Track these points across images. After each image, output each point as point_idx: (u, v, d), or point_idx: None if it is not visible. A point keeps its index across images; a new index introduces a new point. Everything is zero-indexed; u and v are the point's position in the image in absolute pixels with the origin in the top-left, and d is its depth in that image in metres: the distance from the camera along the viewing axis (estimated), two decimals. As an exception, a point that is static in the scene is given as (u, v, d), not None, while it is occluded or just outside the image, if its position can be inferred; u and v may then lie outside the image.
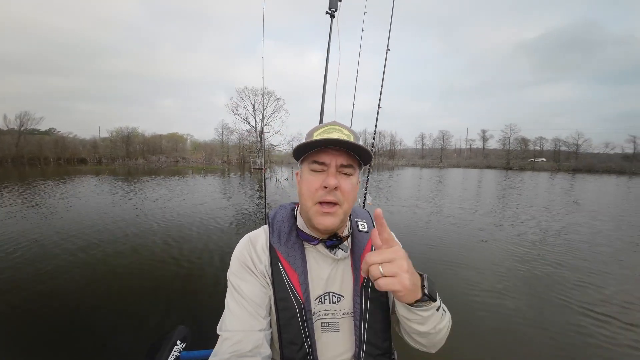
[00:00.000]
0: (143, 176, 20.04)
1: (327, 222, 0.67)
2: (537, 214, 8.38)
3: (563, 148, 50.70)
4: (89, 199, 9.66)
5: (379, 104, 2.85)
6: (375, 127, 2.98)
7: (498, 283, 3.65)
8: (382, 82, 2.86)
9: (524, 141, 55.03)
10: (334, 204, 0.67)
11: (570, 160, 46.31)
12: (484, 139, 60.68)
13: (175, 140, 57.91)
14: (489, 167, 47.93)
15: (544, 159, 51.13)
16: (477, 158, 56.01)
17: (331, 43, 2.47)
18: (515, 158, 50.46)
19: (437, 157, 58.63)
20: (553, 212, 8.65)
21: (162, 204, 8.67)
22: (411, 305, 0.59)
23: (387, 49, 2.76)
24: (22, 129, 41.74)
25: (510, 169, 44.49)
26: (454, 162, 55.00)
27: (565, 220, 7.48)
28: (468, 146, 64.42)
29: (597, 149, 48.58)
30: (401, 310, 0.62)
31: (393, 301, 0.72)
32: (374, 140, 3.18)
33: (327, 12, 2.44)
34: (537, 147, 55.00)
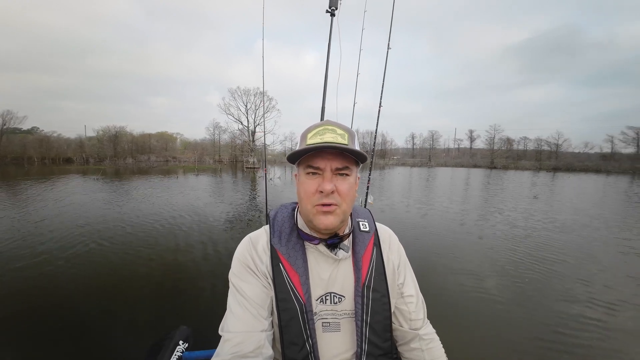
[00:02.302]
0: (135, 175, 19.98)
1: (327, 221, 0.68)
2: (499, 203, 10.28)
3: (545, 147, 52.78)
4: (86, 198, 9.77)
5: (380, 103, 2.81)
6: (377, 126, 2.94)
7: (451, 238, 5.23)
8: (383, 81, 2.81)
9: (509, 141, 57.06)
10: (333, 204, 0.68)
11: (551, 160, 48.32)
12: (471, 139, 62.54)
13: (165, 140, 57.01)
14: (475, 166, 49.57)
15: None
16: (464, 157, 57.71)
17: (331, 42, 2.45)
18: (499, 157, 52.36)
19: (427, 156, 60.05)
20: (514, 203, 10.34)
21: (160, 203, 8.81)
22: None
23: (388, 47, 2.71)
24: (4, 127, 40.43)
25: (495, 167, 46.15)
26: (442, 161, 56.47)
27: (519, 208, 9.34)
28: (456, 146, 66.17)
29: (577, 148, 50.82)
30: None
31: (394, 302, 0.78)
32: (374, 139, 3.16)
33: (327, 11, 2.42)
34: (521, 147, 57.11)
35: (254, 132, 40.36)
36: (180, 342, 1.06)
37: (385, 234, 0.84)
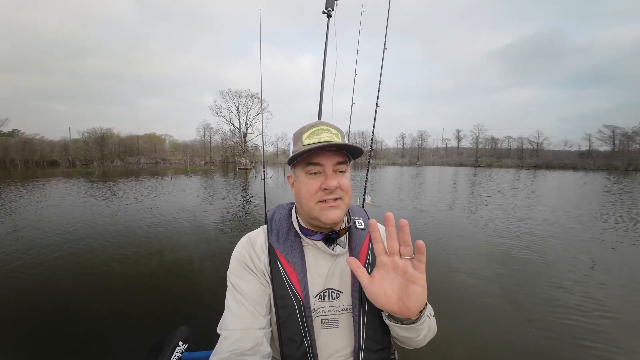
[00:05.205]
0: (127, 178, 19.90)
1: (334, 215, 0.70)
2: (467, 193, 11.85)
3: (527, 146, 54.99)
4: (83, 200, 9.91)
5: (376, 103, 2.83)
6: (374, 127, 2.98)
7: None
8: (380, 80, 2.80)
9: (494, 140, 59.26)
10: (336, 199, 0.71)
11: (533, 158, 50.54)
12: (458, 139, 64.51)
13: (153, 141, 56.15)
14: (461, 164, 51.28)
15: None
16: (451, 156, 59.51)
17: (328, 43, 2.48)
18: (483, 156, 54.41)
19: (416, 156, 61.61)
20: (479, 195, 11.83)
21: (158, 205, 8.94)
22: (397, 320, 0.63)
23: (384, 48, 2.72)
24: (-16, 130, 39.07)
25: (479, 166, 47.85)
26: (430, 160, 58.06)
27: (482, 199, 10.62)
28: (444, 145, 68.07)
29: (557, 146, 53.23)
30: (387, 319, 0.67)
31: None
32: (372, 139, 3.26)
33: (323, 12, 2.45)
34: (505, 146, 59.40)
35: (245, 134, 40.51)
36: (180, 342, 1.06)
37: (380, 230, 0.86)
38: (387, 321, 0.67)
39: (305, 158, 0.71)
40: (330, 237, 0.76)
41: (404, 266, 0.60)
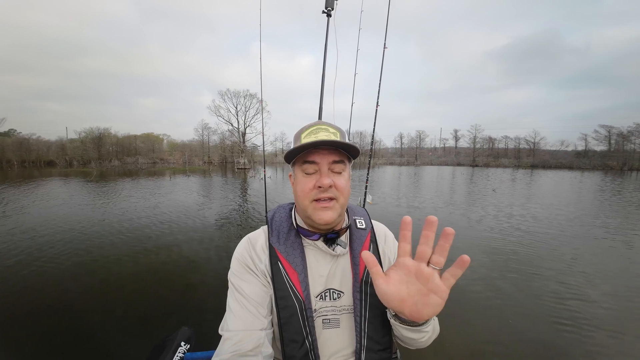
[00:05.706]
0: (128, 178, 19.86)
1: (326, 216, 0.69)
2: (464, 191, 12.52)
3: (524, 146, 55.38)
4: (82, 200, 9.94)
5: (377, 102, 2.83)
6: (374, 126, 3.00)
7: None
8: (380, 80, 2.81)
9: (491, 140, 59.64)
10: (331, 198, 0.70)
11: (529, 157, 50.96)
12: (456, 138, 64.84)
13: (151, 141, 55.89)
14: (458, 164, 51.58)
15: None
16: (449, 156, 59.80)
17: (328, 43, 2.48)
18: (480, 156, 54.80)
19: (414, 155, 61.86)
20: (475, 193, 12.30)
21: (160, 204, 8.94)
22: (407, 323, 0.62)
23: (384, 47, 2.71)
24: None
25: (476, 165, 48.22)
26: (428, 160, 58.31)
27: (476, 197, 11.05)
28: (442, 145, 68.34)
29: (554, 146, 53.77)
30: (392, 318, 0.65)
31: None
32: (372, 139, 3.18)
33: (323, 12, 2.44)
34: (502, 145, 59.77)
35: (244, 133, 40.50)
36: (182, 343, 1.06)
37: (381, 229, 0.86)
38: (392, 320, 0.65)
39: (302, 157, 0.72)
40: (328, 238, 0.76)
41: (429, 275, 0.54)
